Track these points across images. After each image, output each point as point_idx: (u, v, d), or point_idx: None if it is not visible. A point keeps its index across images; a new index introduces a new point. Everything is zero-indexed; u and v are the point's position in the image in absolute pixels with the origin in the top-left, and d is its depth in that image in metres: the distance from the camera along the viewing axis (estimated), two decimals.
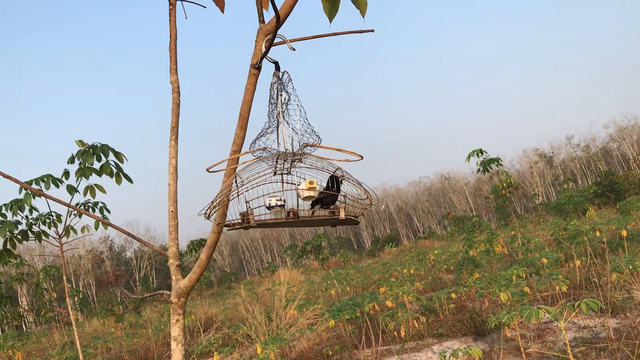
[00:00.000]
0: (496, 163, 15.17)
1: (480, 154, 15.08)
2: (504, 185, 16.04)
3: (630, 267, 8.17)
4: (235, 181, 2.13)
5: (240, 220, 2.10)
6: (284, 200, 2.16)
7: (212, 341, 10.80)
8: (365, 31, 2.37)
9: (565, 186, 41.18)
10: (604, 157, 74.39)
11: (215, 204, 2.17)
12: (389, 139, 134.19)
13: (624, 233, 11.57)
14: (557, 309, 4.44)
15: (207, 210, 2.16)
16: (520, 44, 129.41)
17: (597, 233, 12.29)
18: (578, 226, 12.67)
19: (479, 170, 15.37)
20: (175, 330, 2.51)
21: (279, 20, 2.06)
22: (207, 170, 2.21)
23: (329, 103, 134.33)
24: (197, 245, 15.48)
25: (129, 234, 3.15)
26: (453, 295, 10.17)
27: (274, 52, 2.35)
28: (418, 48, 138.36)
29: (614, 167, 72.13)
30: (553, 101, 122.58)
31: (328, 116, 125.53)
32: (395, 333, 9.34)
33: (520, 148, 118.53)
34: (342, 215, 2.15)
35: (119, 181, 5.33)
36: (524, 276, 10.57)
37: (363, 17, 2.41)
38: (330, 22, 2.42)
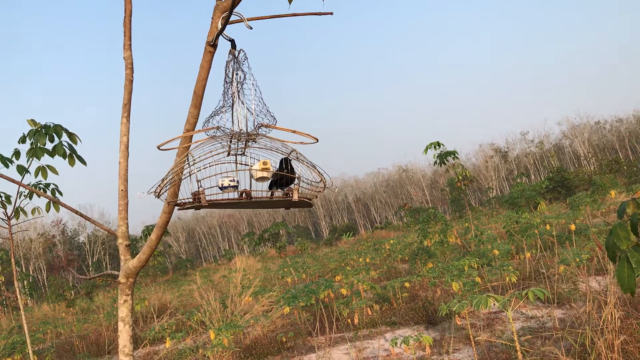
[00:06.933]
0: (452, 156, 15.42)
1: (437, 147, 15.31)
2: (460, 178, 16.32)
3: (577, 259, 8.44)
4: (188, 160, 2.09)
5: (191, 200, 2.07)
6: (237, 181, 2.13)
7: (165, 327, 10.69)
8: (324, 13, 2.36)
9: (518, 180, 42.26)
10: (557, 154, 76.51)
11: (165, 182, 2.12)
12: (349, 130, 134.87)
13: (573, 227, 11.95)
14: (505, 298, 4.55)
15: (156, 188, 2.11)
16: (480, 40, 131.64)
17: (547, 227, 12.65)
18: (529, 220, 13.01)
19: (435, 162, 15.61)
20: (123, 311, 2.46)
21: None
22: (159, 147, 2.16)
23: (288, 89, 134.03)
24: (152, 230, 15.28)
25: (79, 214, 3.07)
26: (407, 284, 10.32)
27: (231, 31, 2.31)
28: (378, 40, 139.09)
29: (566, 163, 74.32)
30: (510, 97, 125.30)
31: (286, 103, 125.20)
32: (349, 320, 9.42)
33: (477, 142, 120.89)
34: (295, 197, 2.14)
35: (72, 163, 5.18)
36: (476, 267, 10.80)
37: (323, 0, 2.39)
38: (290, 3, 2.40)
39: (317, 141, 2.25)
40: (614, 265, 2.90)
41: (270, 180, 2.21)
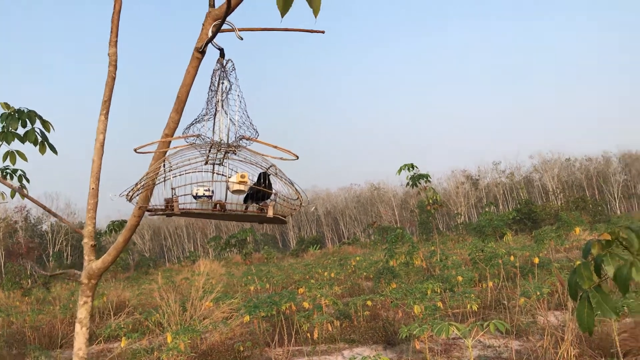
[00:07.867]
0: (425, 179, 15.57)
1: (411, 169, 15.44)
2: (430, 201, 16.46)
3: (538, 293, 8.55)
4: (164, 165, 2.05)
5: (163, 207, 2.03)
6: (212, 191, 2.10)
7: (122, 325, 10.49)
8: (315, 31, 2.36)
9: (487, 209, 42.82)
10: (526, 186, 77.89)
11: (139, 186, 2.08)
12: (324, 142, 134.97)
13: (536, 260, 12.13)
14: (466, 327, 4.58)
15: (129, 192, 2.07)
16: (459, 64, 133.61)
17: (512, 257, 12.81)
18: (494, 249, 13.17)
19: (408, 184, 15.73)
20: (82, 313, 2.40)
21: (230, 6, 2.01)
22: (135, 150, 2.13)
23: (265, 100, 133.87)
24: (118, 226, 14.99)
25: (45, 208, 3.00)
26: (369, 303, 10.33)
27: (220, 39, 2.29)
28: (358, 61, 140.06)
29: (534, 196, 75.63)
30: (484, 127, 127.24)
31: (265, 114, 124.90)
32: (309, 334, 9.37)
33: (449, 168, 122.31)
34: (270, 213, 2.12)
35: (42, 150, 5.06)
36: (439, 291, 10.86)
37: (315, 17, 2.37)
38: (282, 17, 2.38)
39: (297, 158, 2.24)
40: (574, 303, 2.93)
41: (246, 194, 2.19)
